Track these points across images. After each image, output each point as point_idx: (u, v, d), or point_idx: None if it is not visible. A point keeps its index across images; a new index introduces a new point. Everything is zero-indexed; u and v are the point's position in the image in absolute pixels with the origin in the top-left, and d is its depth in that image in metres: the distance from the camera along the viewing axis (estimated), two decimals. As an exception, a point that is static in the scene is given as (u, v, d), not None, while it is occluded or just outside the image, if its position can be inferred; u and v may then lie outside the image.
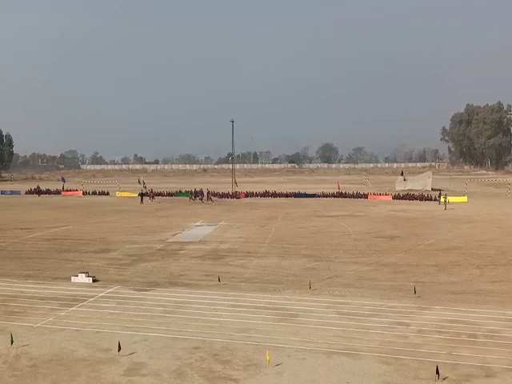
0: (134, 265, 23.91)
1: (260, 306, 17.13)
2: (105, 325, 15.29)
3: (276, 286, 19.86)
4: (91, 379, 11.65)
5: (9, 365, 12.44)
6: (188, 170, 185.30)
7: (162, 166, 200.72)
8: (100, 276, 21.30)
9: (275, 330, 14.78)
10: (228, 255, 26.25)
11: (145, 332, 14.63)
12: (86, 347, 13.55)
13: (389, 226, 36.84)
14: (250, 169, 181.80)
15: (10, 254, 26.54)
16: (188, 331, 14.69)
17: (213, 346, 13.59)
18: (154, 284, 20.25)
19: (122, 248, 28.28)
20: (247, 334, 14.48)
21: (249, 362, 12.56)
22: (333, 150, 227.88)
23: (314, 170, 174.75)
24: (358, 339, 14.04)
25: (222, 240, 31.09)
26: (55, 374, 11.95)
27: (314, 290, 19.16)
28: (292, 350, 13.24)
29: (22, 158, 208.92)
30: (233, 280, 20.88)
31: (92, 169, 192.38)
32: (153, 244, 29.60)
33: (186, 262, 24.74)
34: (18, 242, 30.38)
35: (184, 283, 20.39)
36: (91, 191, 72.01)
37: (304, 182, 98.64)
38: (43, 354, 13.08)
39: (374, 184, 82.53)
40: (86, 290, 19.19)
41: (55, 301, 17.87)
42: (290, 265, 23.83)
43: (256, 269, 22.98)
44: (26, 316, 16.19)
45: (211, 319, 15.78)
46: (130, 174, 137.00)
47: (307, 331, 14.68)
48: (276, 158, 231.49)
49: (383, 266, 23.54)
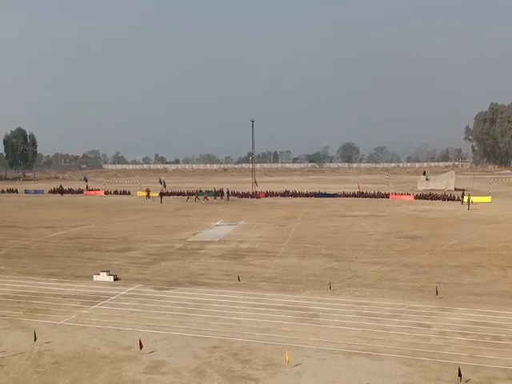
0: (154, 264, 24.10)
1: (280, 306, 17.10)
2: (126, 323, 15.44)
3: (296, 286, 19.81)
4: (112, 376, 11.77)
5: (32, 361, 12.64)
6: (208, 169, 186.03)
7: (182, 166, 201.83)
8: (121, 275, 21.51)
9: (295, 330, 14.74)
10: (248, 255, 26.27)
11: (165, 331, 14.73)
12: (108, 345, 13.70)
13: (411, 226, 36.44)
14: (270, 168, 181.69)
15: (33, 253, 26.98)
16: (208, 330, 14.75)
17: (232, 345, 13.62)
18: (174, 283, 20.37)
19: (142, 247, 28.53)
20: (267, 333, 14.47)
21: (268, 361, 12.54)
22: (354, 149, 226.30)
23: (335, 169, 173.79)
24: (378, 340, 13.92)
25: (241, 239, 31.12)
26: (77, 371, 12.10)
27: (334, 291, 19.06)
28: (312, 351, 13.18)
29: (46, 157, 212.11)
30: (252, 279, 20.88)
31: (114, 168, 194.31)
32: (173, 243, 29.78)
33: (206, 261, 24.84)
34: (41, 241, 30.88)
35: (204, 282, 20.47)
36: (113, 191, 72.80)
37: (324, 182, 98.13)
38: (66, 351, 13.25)
39: (396, 184, 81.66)
40: (108, 289, 19.40)
41: (77, 299, 18.11)
42: (310, 265, 23.74)
43: (276, 268, 22.95)
44: (49, 314, 16.43)
45: (231, 318, 15.81)
46: (151, 174, 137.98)
47: (327, 331, 14.61)
48: (296, 158, 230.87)
49: (405, 266, 23.29)
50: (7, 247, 28.58)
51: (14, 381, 11.56)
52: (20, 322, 15.55)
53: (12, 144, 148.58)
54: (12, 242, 30.20)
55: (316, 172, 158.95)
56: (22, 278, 21.13)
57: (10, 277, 21.45)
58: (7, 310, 16.73)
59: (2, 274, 22.06)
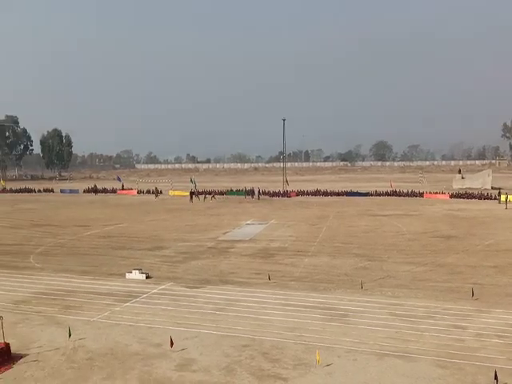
0: (185, 262, 24.28)
1: (310, 306, 16.97)
2: (157, 321, 15.59)
3: (327, 286, 19.63)
4: (144, 373, 11.88)
5: (67, 357, 12.89)
6: (239, 168, 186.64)
7: (213, 165, 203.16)
8: (153, 273, 21.74)
9: (325, 330, 14.60)
10: (278, 254, 26.20)
11: (196, 329, 14.81)
12: (140, 342, 13.85)
13: (445, 225, 35.70)
14: (302, 167, 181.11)
15: (68, 251, 27.56)
16: (238, 329, 14.75)
17: (262, 344, 13.58)
18: (205, 281, 20.47)
19: (174, 246, 28.79)
20: (297, 333, 14.38)
21: (298, 361, 12.46)
22: (387, 147, 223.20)
23: (367, 168, 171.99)
24: (411, 341, 13.66)
25: (272, 238, 31.07)
26: (110, 367, 12.27)
27: (365, 290, 18.81)
28: (342, 351, 13.03)
29: (81, 157, 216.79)
30: (283, 279, 20.81)
31: (146, 168, 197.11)
32: (204, 242, 29.95)
33: (236, 260, 24.88)
34: (76, 239, 31.52)
35: (234, 281, 20.50)
36: (145, 190, 73.79)
37: (356, 181, 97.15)
38: (99, 348, 13.46)
39: (430, 182, 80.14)
40: (140, 287, 19.64)
41: (110, 296, 18.39)
42: (341, 264, 23.51)
43: (306, 268, 22.81)
44: (83, 310, 16.74)
45: (261, 317, 15.78)
46: (183, 173, 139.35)
47: (358, 332, 14.42)
48: (328, 156, 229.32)
49: (439, 266, 22.82)
50: (44, 245, 29.28)
51: (50, 376, 11.80)
52: (55, 319, 15.89)
53: (48, 144, 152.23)
54: (48, 241, 30.93)
55: (348, 171, 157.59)
56: (58, 276, 21.60)
57: (46, 274, 21.96)
58: (43, 307, 17.12)
59: (38, 271, 22.61)
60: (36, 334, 14.55)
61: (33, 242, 30.32)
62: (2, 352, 12.57)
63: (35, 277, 21.43)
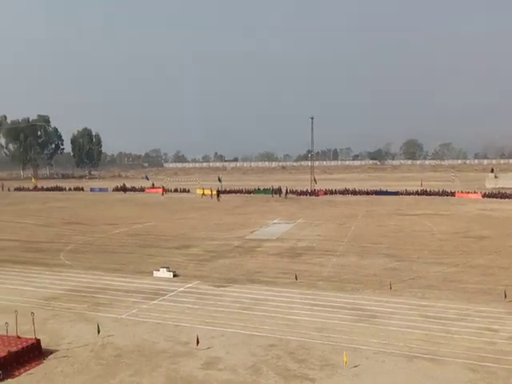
0: (212, 261, 24.34)
1: (338, 306, 16.79)
2: (184, 319, 15.64)
3: (355, 286, 19.39)
4: (171, 371, 11.93)
5: (95, 353, 13.03)
6: (267, 167, 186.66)
7: (241, 164, 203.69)
8: (180, 271, 21.86)
9: (353, 331, 14.40)
10: (306, 253, 26.03)
11: (222, 327, 14.80)
12: (167, 340, 13.92)
13: (478, 225, 34.93)
14: (330, 166, 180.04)
15: (97, 249, 27.97)
16: (264, 328, 14.68)
17: (289, 344, 13.48)
18: (231, 280, 20.47)
19: (201, 244, 28.90)
20: (324, 333, 14.22)
21: (325, 361, 12.31)
22: (417, 145, 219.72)
23: (397, 166, 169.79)
24: (442, 344, 13.36)
25: (299, 238, 30.91)
26: (138, 364, 12.36)
27: (394, 291, 18.50)
28: (370, 352, 12.83)
29: (110, 156, 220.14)
30: (310, 278, 20.65)
31: (174, 167, 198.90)
32: (231, 241, 29.99)
33: (263, 259, 24.82)
34: (105, 237, 31.97)
35: (261, 280, 20.44)
36: (173, 189, 74.44)
37: (386, 180, 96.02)
38: (127, 345, 13.58)
39: (462, 181, 78.58)
40: (167, 285, 19.76)
41: (138, 294, 18.55)
42: (369, 264, 23.20)
43: (334, 267, 22.60)
44: (111, 308, 16.92)
45: (288, 317, 15.68)
46: (210, 172, 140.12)
47: (387, 333, 14.18)
48: (357, 155, 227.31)
49: (471, 267, 22.30)
50: (73, 243, 29.79)
51: (79, 371, 11.94)
52: (84, 315, 16.10)
53: (79, 143, 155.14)
54: (78, 238, 31.46)
55: (377, 169, 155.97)
56: (87, 273, 21.91)
57: (76, 271, 22.30)
58: (73, 304, 17.38)
59: (68, 268, 22.99)
60: (66, 330, 14.77)
61: (63, 240, 30.88)
62: (33, 347, 12.79)
63: (65, 274, 21.80)
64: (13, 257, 25.70)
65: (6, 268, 23.00)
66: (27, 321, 13.85)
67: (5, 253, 26.81)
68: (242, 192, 69.90)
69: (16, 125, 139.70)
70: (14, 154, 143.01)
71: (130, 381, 11.39)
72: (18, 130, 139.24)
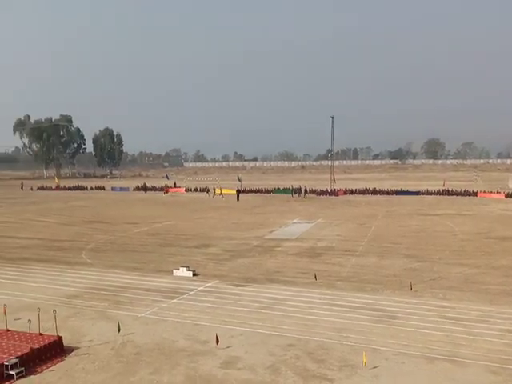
0: (231, 260, 24.40)
1: (357, 306, 16.69)
2: (203, 318, 15.71)
3: (374, 286, 19.25)
4: (190, 370, 11.99)
5: (116, 351, 13.17)
6: (286, 166, 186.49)
7: (260, 163, 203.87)
8: (200, 270, 21.96)
9: (372, 332, 14.30)
10: (325, 253, 25.92)
11: (241, 327, 14.83)
12: (186, 338, 13.99)
13: (500, 225, 34.37)
14: (350, 165, 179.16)
15: (118, 247, 28.25)
16: (283, 328, 14.66)
17: (308, 344, 13.44)
18: (250, 280, 20.49)
19: (220, 244, 28.99)
20: (343, 333, 14.15)
21: (344, 362, 12.25)
22: (439, 145, 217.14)
23: (418, 166, 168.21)
24: (463, 346, 13.18)
25: (319, 238, 30.80)
26: (157, 362, 12.45)
27: (415, 292, 18.31)
28: (390, 353, 12.72)
29: (131, 156, 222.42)
30: (329, 278, 20.56)
31: (194, 166, 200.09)
32: (250, 240, 30.02)
33: (282, 258, 24.79)
34: (126, 236, 32.27)
35: (280, 280, 20.42)
36: (193, 188, 74.85)
37: (407, 179, 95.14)
38: (146, 343, 13.69)
39: (485, 181, 77.46)
40: (187, 284, 19.87)
41: (158, 292, 18.69)
42: (389, 264, 23.01)
43: (354, 268, 22.46)
44: (132, 306, 17.08)
45: (307, 317, 15.63)
46: (230, 171, 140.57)
47: (407, 334, 14.05)
48: (377, 154, 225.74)
49: (493, 268, 21.95)
50: (95, 242, 30.14)
51: (100, 369, 12.08)
52: (105, 313, 16.28)
53: (100, 143, 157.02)
54: (99, 237, 31.83)
55: (398, 169, 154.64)
56: (108, 272, 22.15)
57: (97, 270, 22.56)
58: (94, 302, 17.58)
59: (89, 266, 23.27)
60: (87, 327, 14.95)
61: (84, 239, 31.26)
62: (55, 345, 12.98)
63: (86, 272, 22.07)
64: (36, 255, 26.13)
65: (29, 266, 23.39)
66: (49, 318, 14.05)
67: (28, 251, 27.27)
68: (262, 191, 70.00)
69: (39, 125, 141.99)
70: (37, 154, 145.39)
71: (150, 379, 11.49)
72: (41, 130, 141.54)
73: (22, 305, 17.03)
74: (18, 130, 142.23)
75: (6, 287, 19.52)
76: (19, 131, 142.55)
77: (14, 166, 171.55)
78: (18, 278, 21.13)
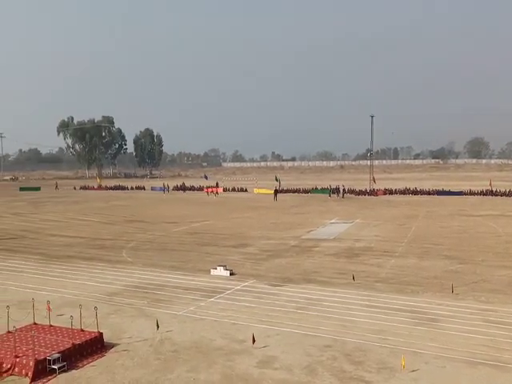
0: (268, 260, 24.40)
1: (396, 308, 16.40)
2: (240, 317, 15.76)
3: (414, 288, 18.88)
4: (226, 368, 12.04)
5: (154, 348, 13.36)
6: (325, 166, 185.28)
7: (298, 163, 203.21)
8: (237, 269, 22.05)
9: (412, 334, 14.02)
10: (363, 254, 25.61)
11: (278, 327, 14.80)
12: (223, 337, 14.07)
13: (547, 227, 33.14)
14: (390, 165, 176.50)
15: (157, 246, 28.69)
16: (320, 329, 14.56)
17: (345, 345, 13.30)
18: (287, 280, 20.44)
19: (258, 243, 29.04)
20: (381, 335, 13.93)
21: (383, 364, 12.06)
22: (483, 144, 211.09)
23: (461, 165, 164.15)
24: (506, 350, 12.75)
25: (357, 238, 30.45)
26: (195, 360, 12.56)
27: (456, 295, 17.86)
28: (430, 357, 12.44)
29: (170, 156, 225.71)
30: (368, 279, 20.29)
31: (232, 166, 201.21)
32: (287, 240, 29.95)
33: (320, 259, 24.63)
34: (165, 235, 32.74)
35: (317, 280, 20.29)
36: (231, 188, 75.29)
37: (449, 179, 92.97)
38: (184, 341, 13.83)
39: (530, 181, 74.90)
40: (224, 283, 19.99)
41: (196, 291, 18.87)
42: (430, 266, 22.52)
43: (393, 269, 22.10)
44: (170, 304, 17.29)
45: (344, 318, 15.47)
46: (268, 171, 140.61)
47: (448, 338, 13.70)
48: (418, 154, 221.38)
49: (539, 271, 21.19)
50: (135, 240, 30.71)
51: (138, 365, 12.28)
52: (144, 311, 16.54)
53: (141, 144, 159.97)
54: (139, 236, 32.41)
55: (440, 169, 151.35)
56: (147, 270, 22.52)
57: (137, 268, 22.96)
58: (134, 299, 17.90)
59: (130, 265, 23.71)
60: (126, 324, 15.23)
61: (125, 237, 31.90)
62: (96, 341, 13.28)
63: (127, 270, 22.50)
64: (78, 253, 26.83)
65: (72, 263, 24.03)
66: (91, 315, 14.38)
67: (71, 249, 28.03)
68: (300, 191, 69.78)
69: (82, 126, 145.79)
70: (80, 154, 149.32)
71: (187, 376, 11.60)
72: (83, 131, 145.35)
73: (64, 301, 17.53)
74: (62, 130, 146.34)
75: (49, 284, 20.13)
76: (63, 132, 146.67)
77: (57, 166, 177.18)
78: (62, 275, 21.75)
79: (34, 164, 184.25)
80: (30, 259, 25.20)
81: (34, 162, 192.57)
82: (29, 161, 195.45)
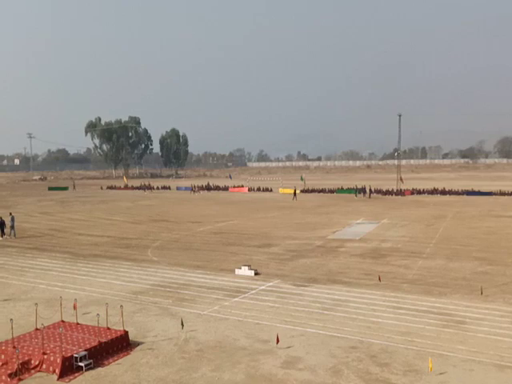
0: (293, 260, 24.28)
1: (423, 310, 16.12)
2: (264, 317, 15.71)
3: (442, 290, 18.52)
4: (250, 368, 12.01)
5: (179, 347, 13.42)
6: (351, 166, 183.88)
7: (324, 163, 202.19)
8: (261, 269, 22.00)
9: (439, 337, 13.75)
10: (390, 254, 25.26)
11: (302, 327, 14.70)
12: (247, 337, 14.04)
13: None
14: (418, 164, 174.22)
15: (182, 246, 28.84)
16: (345, 330, 14.40)
17: (371, 347, 13.12)
18: (312, 280, 20.29)
19: (282, 243, 28.93)
20: (408, 337, 13.70)
21: (409, 367, 11.85)
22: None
23: (491, 165, 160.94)
24: (538, 355, 12.40)
25: (383, 238, 30.07)
26: (219, 359, 12.56)
27: (486, 297, 17.46)
28: (458, 360, 12.17)
29: (196, 156, 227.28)
30: (394, 280, 20.00)
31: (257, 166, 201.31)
32: (312, 240, 29.76)
33: (345, 259, 24.39)
34: (190, 235, 32.90)
35: (343, 281, 20.09)
36: (255, 188, 75.29)
37: (478, 179, 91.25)
38: (208, 340, 13.85)
39: None
40: (248, 283, 19.96)
41: (220, 291, 18.89)
42: (458, 267, 22.09)
43: (420, 270, 21.74)
44: (194, 303, 17.35)
45: (370, 319, 15.27)
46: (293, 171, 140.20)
47: (476, 340, 13.40)
48: (447, 153, 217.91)
49: None
50: (160, 240, 30.94)
51: (163, 364, 12.34)
52: (169, 310, 16.63)
53: (167, 144, 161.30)
54: (164, 235, 32.64)
55: (469, 168, 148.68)
56: (172, 269, 22.65)
57: (162, 267, 23.12)
58: (158, 298, 18.02)
59: (155, 264, 23.88)
60: (151, 323, 15.34)
61: (150, 237, 32.16)
62: (121, 339, 13.41)
63: (152, 269, 22.67)
64: (105, 252, 27.17)
65: (98, 262, 24.35)
66: (116, 313, 14.55)
67: (98, 248, 28.40)
68: (325, 191, 69.38)
69: (109, 126, 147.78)
70: (107, 154, 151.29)
71: (211, 376, 11.60)
72: (111, 131, 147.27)
73: (90, 299, 17.76)
74: (90, 131, 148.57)
75: (77, 282, 20.43)
76: (90, 132, 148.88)
77: (85, 166, 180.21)
78: (88, 273, 22.05)
79: (63, 164, 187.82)
80: (57, 258, 25.63)
81: (62, 162, 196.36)
82: (57, 161, 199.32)
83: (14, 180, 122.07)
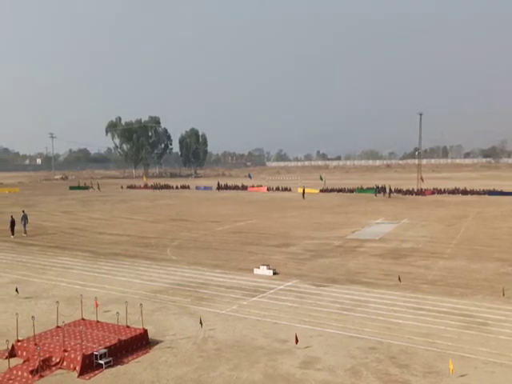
0: (312, 260, 24.18)
1: (444, 311, 15.91)
2: (283, 317, 15.67)
3: (463, 291, 18.27)
4: (269, 368, 11.99)
5: (197, 346, 13.46)
6: (370, 165, 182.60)
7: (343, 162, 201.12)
8: (280, 269, 21.96)
9: (460, 338, 13.56)
10: (410, 255, 25.01)
11: (321, 327, 14.63)
12: (265, 337, 14.02)
13: None
14: (439, 164, 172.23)
15: (201, 245, 28.94)
16: (365, 330, 14.29)
17: (390, 348, 12.99)
18: (331, 280, 20.19)
19: (301, 243, 28.84)
20: (428, 339, 13.53)
21: (429, 368, 11.70)
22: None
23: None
24: (562, 358, 12.14)
25: (403, 238, 29.78)
26: (237, 358, 12.57)
27: (508, 298, 17.17)
28: (479, 362, 11.98)
29: (215, 156, 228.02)
30: (414, 281, 19.78)
31: (276, 165, 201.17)
32: (331, 240, 29.61)
33: (364, 259, 24.21)
34: (209, 234, 33.01)
35: (362, 281, 19.94)
36: (274, 187, 75.22)
37: (501, 179, 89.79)
38: (227, 339, 13.87)
39: None
40: (267, 282, 19.94)
41: (239, 290, 18.90)
42: (480, 268, 21.76)
43: (441, 271, 21.47)
44: (213, 302, 17.40)
45: (389, 320, 15.12)
46: (312, 171, 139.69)
47: (498, 342, 13.18)
48: (468, 153, 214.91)
49: None
50: (179, 239, 31.10)
51: (182, 362, 12.39)
52: (188, 309, 16.70)
53: (186, 143, 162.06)
54: (183, 235, 32.80)
55: (491, 168, 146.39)
56: (191, 268, 22.75)
57: (181, 266, 23.24)
58: (177, 297, 18.11)
59: (174, 263, 24.02)
60: (170, 322, 15.42)
61: (169, 236, 32.35)
62: (140, 337, 13.50)
63: (171, 268, 22.79)
64: (125, 250, 27.41)
65: (118, 261, 24.58)
66: (136, 311, 14.66)
67: (118, 247, 28.67)
68: (344, 191, 69.01)
69: (129, 126, 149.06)
70: (127, 154, 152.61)
71: (229, 375, 11.61)
72: (131, 131, 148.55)
73: (110, 298, 17.92)
74: (110, 131, 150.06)
75: (97, 280, 20.65)
76: (111, 132, 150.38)
77: (105, 166, 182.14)
78: (109, 272, 22.27)
79: (84, 163, 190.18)
80: (78, 256, 25.95)
81: (83, 161, 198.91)
82: (78, 160, 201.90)
83: (36, 179, 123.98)
